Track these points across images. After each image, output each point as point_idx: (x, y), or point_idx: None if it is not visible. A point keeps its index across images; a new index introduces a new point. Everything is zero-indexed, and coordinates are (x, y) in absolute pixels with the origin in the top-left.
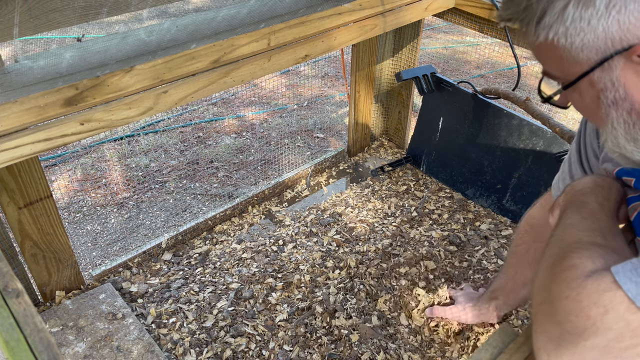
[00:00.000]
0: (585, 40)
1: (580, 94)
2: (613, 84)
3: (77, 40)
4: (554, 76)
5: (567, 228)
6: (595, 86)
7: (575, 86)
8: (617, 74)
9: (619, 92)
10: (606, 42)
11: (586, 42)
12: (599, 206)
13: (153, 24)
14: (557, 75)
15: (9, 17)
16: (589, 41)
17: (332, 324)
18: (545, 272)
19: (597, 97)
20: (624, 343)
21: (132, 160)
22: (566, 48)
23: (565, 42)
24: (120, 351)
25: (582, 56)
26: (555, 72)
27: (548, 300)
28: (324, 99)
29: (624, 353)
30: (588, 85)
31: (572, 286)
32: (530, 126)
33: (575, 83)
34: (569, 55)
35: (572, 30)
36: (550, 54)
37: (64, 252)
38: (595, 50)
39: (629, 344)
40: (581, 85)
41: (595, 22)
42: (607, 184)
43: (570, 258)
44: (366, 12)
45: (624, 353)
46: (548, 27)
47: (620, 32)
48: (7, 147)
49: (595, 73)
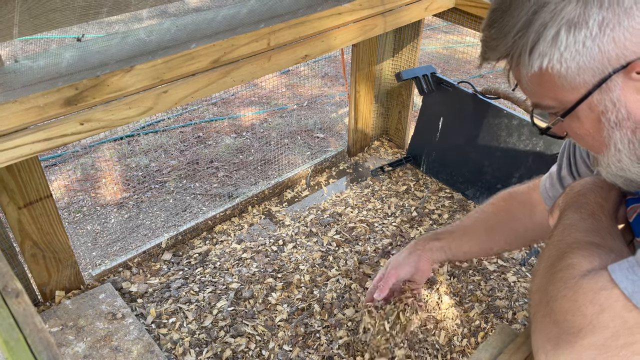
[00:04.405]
0: (582, 63)
1: (579, 119)
2: (614, 105)
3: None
4: (548, 107)
5: (566, 228)
6: (595, 109)
7: (573, 113)
8: (617, 94)
9: (621, 112)
10: (603, 62)
11: (582, 65)
12: (598, 207)
13: (153, 23)
14: (551, 105)
15: (8, 17)
16: (585, 64)
17: (331, 324)
18: (543, 273)
19: (597, 121)
20: (620, 341)
21: (132, 160)
22: (561, 74)
23: (560, 68)
24: (119, 351)
25: (579, 80)
26: (549, 102)
27: (545, 300)
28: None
29: (620, 351)
30: (587, 110)
31: (569, 285)
32: (530, 126)
33: (573, 109)
34: (565, 81)
35: (567, 55)
36: (545, 83)
37: (64, 252)
38: (592, 72)
39: (626, 342)
40: (580, 111)
41: (590, 43)
42: (606, 185)
43: (568, 258)
44: (366, 12)
45: (620, 351)
46: (542, 56)
47: (617, 50)
48: (7, 147)
49: (594, 96)
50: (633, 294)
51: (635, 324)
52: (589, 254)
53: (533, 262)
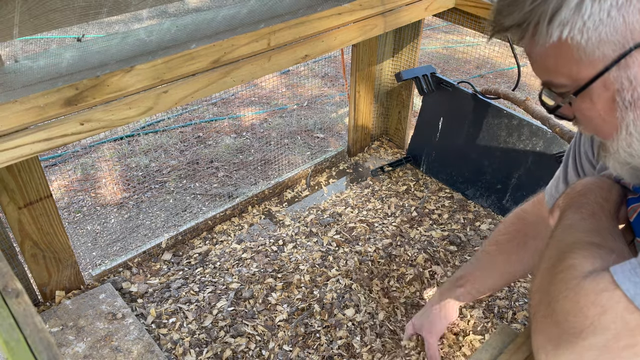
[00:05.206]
0: (603, 35)
1: (591, 99)
2: (630, 83)
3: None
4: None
5: (566, 229)
6: (610, 88)
7: (586, 91)
8: (634, 71)
9: (637, 90)
10: (625, 36)
11: (604, 37)
12: (598, 207)
13: (153, 23)
14: (564, 83)
15: (9, 17)
16: (607, 35)
17: (331, 325)
18: (544, 273)
19: (611, 100)
20: (622, 342)
21: (132, 160)
22: (581, 46)
23: (580, 39)
24: (120, 351)
25: (598, 54)
26: (562, 79)
27: (546, 300)
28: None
29: (622, 353)
30: (602, 88)
31: (570, 286)
32: (530, 126)
33: (588, 86)
34: (583, 54)
35: (589, 24)
36: (561, 56)
37: (64, 252)
38: (612, 45)
39: (627, 343)
40: (594, 89)
41: (615, 12)
42: (607, 185)
43: (569, 258)
44: (366, 12)
45: (622, 353)
46: (563, 24)
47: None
48: (7, 147)
49: (611, 72)
50: (635, 295)
51: (636, 325)
52: (590, 255)
53: None
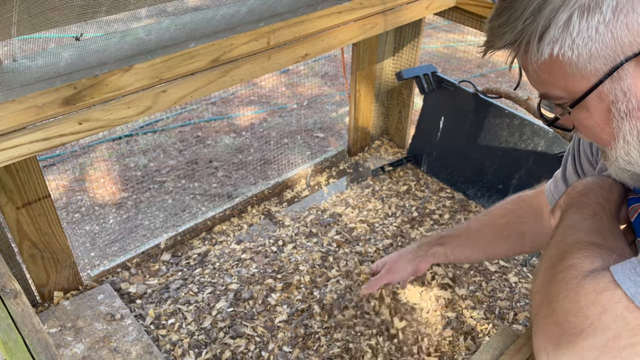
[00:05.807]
0: (594, 50)
1: (588, 110)
2: (625, 94)
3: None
4: (556, 97)
5: (567, 229)
6: (605, 99)
7: (582, 103)
8: (628, 83)
9: (632, 101)
10: (615, 50)
11: (594, 52)
12: (599, 207)
13: (152, 22)
14: (560, 95)
15: (7, 16)
16: (597, 51)
17: (331, 325)
18: (545, 273)
19: (607, 111)
20: (622, 342)
21: (131, 160)
22: (572, 62)
23: (571, 55)
24: (118, 352)
25: (590, 68)
26: (558, 92)
27: (547, 300)
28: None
29: (622, 352)
30: (597, 100)
31: (570, 286)
32: (531, 126)
33: (583, 99)
34: (575, 69)
35: (579, 41)
36: (554, 71)
37: (63, 252)
38: (603, 59)
39: (628, 343)
40: (589, 101)
41: (603, 29)
42: (608, 185)
43: (569, 258)
44: (366, 11)
45: (622, 352)
46: (553, 42)
47: (630, 37)
48: (5, 147)
49: (605, 85)
50: (635, 294)
51: (637, 325)
52: (591, 255)
53: (534, 263)
